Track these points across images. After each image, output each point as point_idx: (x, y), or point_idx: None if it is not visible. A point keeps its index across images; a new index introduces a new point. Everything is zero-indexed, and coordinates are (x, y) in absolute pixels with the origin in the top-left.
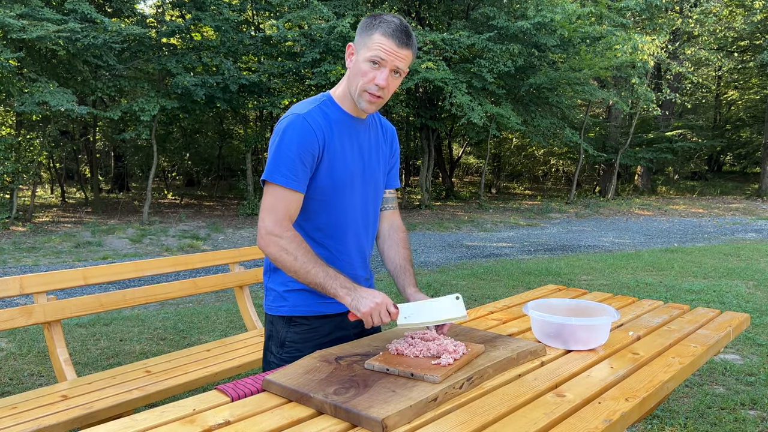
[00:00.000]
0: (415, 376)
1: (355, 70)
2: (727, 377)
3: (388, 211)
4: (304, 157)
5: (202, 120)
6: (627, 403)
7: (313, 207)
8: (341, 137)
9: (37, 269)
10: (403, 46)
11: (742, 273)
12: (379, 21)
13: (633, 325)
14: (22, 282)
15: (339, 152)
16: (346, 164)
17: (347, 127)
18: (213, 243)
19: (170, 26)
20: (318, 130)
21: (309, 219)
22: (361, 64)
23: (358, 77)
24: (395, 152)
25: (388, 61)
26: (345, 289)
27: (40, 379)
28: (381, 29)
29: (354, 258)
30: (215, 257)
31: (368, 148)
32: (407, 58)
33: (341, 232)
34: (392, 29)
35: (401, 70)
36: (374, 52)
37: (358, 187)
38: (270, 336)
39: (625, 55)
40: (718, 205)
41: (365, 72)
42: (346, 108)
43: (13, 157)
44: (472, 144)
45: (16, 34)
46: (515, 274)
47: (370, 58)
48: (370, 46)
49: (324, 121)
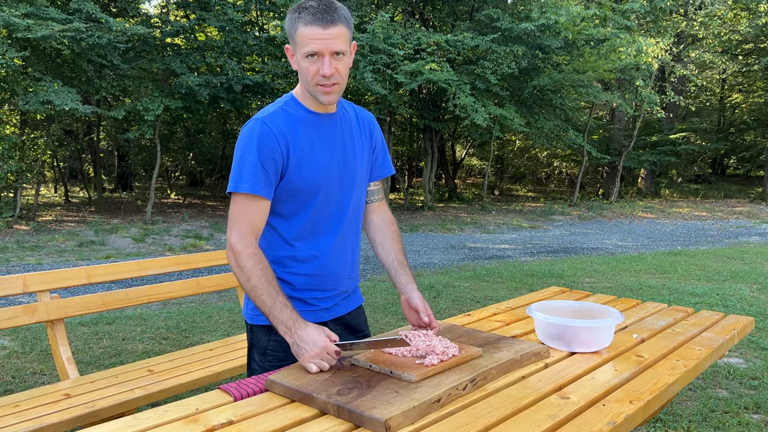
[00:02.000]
0: (393, 374)
1: (300, 70)
2: (731, 381)
3: (375, 203)
4: (265, 163)
5: (206, 120)
6: (631, 405)
7: (287, 210)
8: (308, 136)
9: (41, 268)
10: (328, 25)
11: (745, 276)
12: (297, 13)
13: (637, 328)
14: (26, 280)
15: (307, 152)
16: (317, 163)
17: (314, 125)
18: (216, 243)
19: (174, 26)
20: (279, 133)
21: (285, 223)
22: (301, 62)
23: (305, 76)
24: (377, 140)
25: (323, 49)
26: (285, 327)
27: (43, 377)
28: (301, 20)
29: (335, 258)
30: (218, 257)
31: (342, 142)
32: (341, 35)
33: (320, 233)
34: (312, 15)
35: (342, 50)
36: (306, 47)
37: (335, 184)
38: (252, 344)
39: (629, 58)
40: (721, 208)
41: (307, 68)
42: (310, 106)
43: (17, 155)
44: (475, 145)
45: (21, 33)
46: (518, 276)
47: (305, 53)
48: (299, 41)
49: (286, 122)
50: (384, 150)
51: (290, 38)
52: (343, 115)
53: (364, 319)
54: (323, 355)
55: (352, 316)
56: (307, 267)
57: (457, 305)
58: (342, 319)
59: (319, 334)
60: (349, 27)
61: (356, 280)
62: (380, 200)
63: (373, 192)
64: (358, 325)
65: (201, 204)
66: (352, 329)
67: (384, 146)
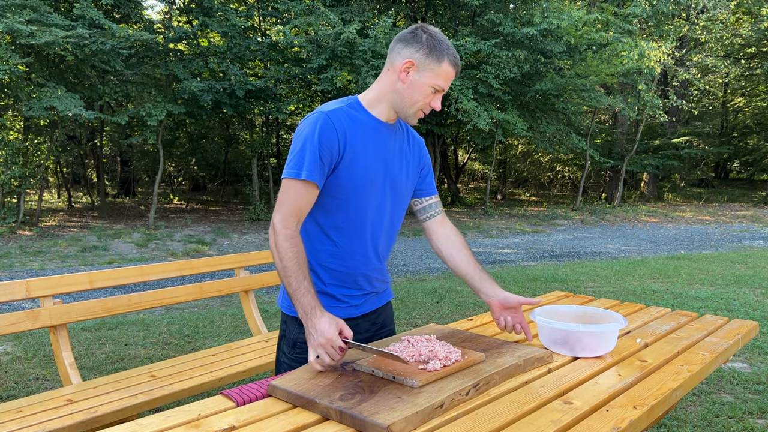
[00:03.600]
0: (396, 380)
1: (413, 90)
2: (735, 386)
3: (437, 216)
4: (322, 153)
5: (209, 125)
6: (635, 410)
7: (331, 205)
8: (365, 139)
9: (44, 273)
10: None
11: (749, 281)
12: (446, 48)
13: (640, 333)
14: (29, 286)
15: (361, 153)
16: (367, 166)
17: (372, 131)
18: (218, 248)
19: (177, 32)
20: (340, 128)
21: (327, 216)
22: (425, 87)
23: (416, 96)
24: (425, 160)
25: (446, 88)
26: (303, 311)
27: (46, 382)
28: (449, 59)
29: (370, 258)
30: (221, 262)
31: (392, 152)
32: None
33: (358, 232)
34: (456, 60)
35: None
36: (442, 81)
37: (378, 189)
38: (283, 335)
39: (631, 62)
40: (725, 212)
41: (427, 95)
42: (375, 113)
43: (21, 161)
44: (477, 150)
45: (25, 39)
46: (521, 281)
47: (436, 85)
48: (438, 73)
49: (348, 121)
50: (430, 171)
51: (425, 60)
52: (398, 129)
53: (390, 314)
54: (327, 347)
55: (378, 313)
56: (342, 264)
57: (459, 310)
58: (370, 315)
59: (330, 326)
60: None
61: (388, 282)
62: (441, 213)
63: (432, 206)
64: (384, 320)
65: (204, 209)
66: (379, 324)
67: (430, 168)
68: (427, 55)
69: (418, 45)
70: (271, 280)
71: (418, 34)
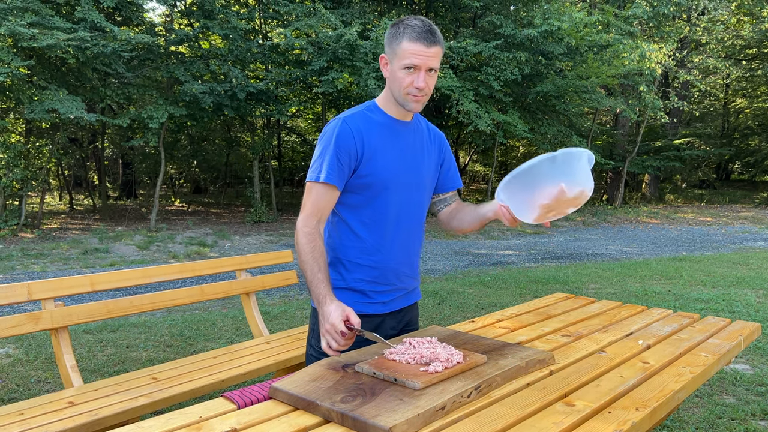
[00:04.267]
0: (397, 381)
1: (394, 79)
2: (738, 387)
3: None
4: (341, 155)
5: (210, 127)
6: (637, 412)
7: (357, 202)
8: (383, 138)
9: (45, 276)
10: (431, 44)
11: (751, 282)
12: (403, 28)
13: (642, 334)
14: (30, 288)
15: (380, 151)
16: (388, 163)
17: (390, 129)
18: (220, 250)
19: (179, 34)
20: (356, 130)
21: (354, 213)
22: (397, 73)
23: (397, 84)
24: (446, 154)
25: (422, 64)
26: (317, 301)
27: (47, 385)
28: (407, 36)
29: (397, 254)
30: (222, 264)
31: (412, 149)
32: (437, 54)
33: (383, 227)
34: (417, 33)
35: (435, 68)
36: (407, 59)
37: (401, 184)
38: (312, 329)
39: (632, 63)
40: (726, 213)
41: (402, 78)
42: (390, 112)
43: (23, 164)
44: (478, 151)
45: (26, 42)
46: (522, 282)
47: (404, 65)
48: (400, 54)
49: (365, 123)
50: (453, 164)
51: (389, 48)
52: (417, 126)
53: (416, 314)
54: (332, 332)
55: (405, 312)
56: (370, 259)
57: (461, 312)
58: (397, 314)
59: (335, 312)
60: (444, 48)
61: (417, 280)
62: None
63: (448, 199)
64: (410, 320)
65: (205, 211)
66: (404, 323)
67: (453, 160)
68: (389, 45)
69: (385, 40)
70: (273, 282)
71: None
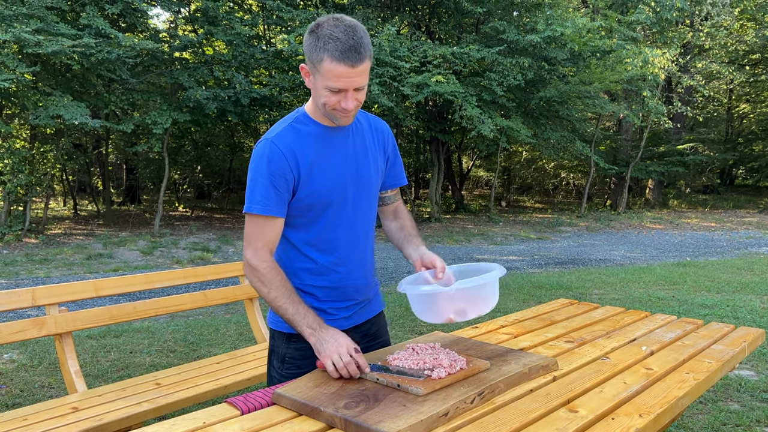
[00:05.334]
0: (401, 387)
1: (316, 92)
2: (742, 393)
3: (391, 204)
4: (276, 182)
5: (214, 133)
6: (641, 419)
7: (303, 223)
8: (318, 150)
9: (49, 281)
10: (357, 64)
11: (756, 287)
12: (323, 42)
13: (646, 340)
14: (34, 294)
15: (317, 166)
16: (328, 176)
17: (324, 139)
18: (223, 255)
19: (183, 41)
20: (288, 151)
21: (300, 235)
22: (321, 90)
23: (320, 99)
24: (391, 148)
25: (348, 86)
26: (310, 329)
27: (51, 390)
28: (328, 53)
29: (353, 269)
30: (225, 269)
31: (353, 155)
32: (364, 71)
33: (334, 246)
34: (340, 52)
35: (364, 85)
36: (330, 82)
37: (350, 196)
38: (272, 350)
39: (635, 69)
40: (730, 218)
41: (328, 97)
42: (322, 121)
43: (27, 169)
44: (481, 157)
45: (31, 48)
46: (526, 288)
47: (328, 86)
48: (323, 73)
49: (295, 139)
50: (398, 159)
51: (310, 62)
52: (356, 126)
53: (383, 324)
54: (342, 351)
55: (371, 323)
56: (325, 279)
57: None
58: (361, 327)
59: (342, 334)
60: (371, 56)
61: (375, 285)
62: (397, 201)
63: (390, 197)
64: (377, 331)
65: (209, 216)
66: (371, 336)
67: (397, 155)
68: (309, 56)
69: (305, 48)
70: None
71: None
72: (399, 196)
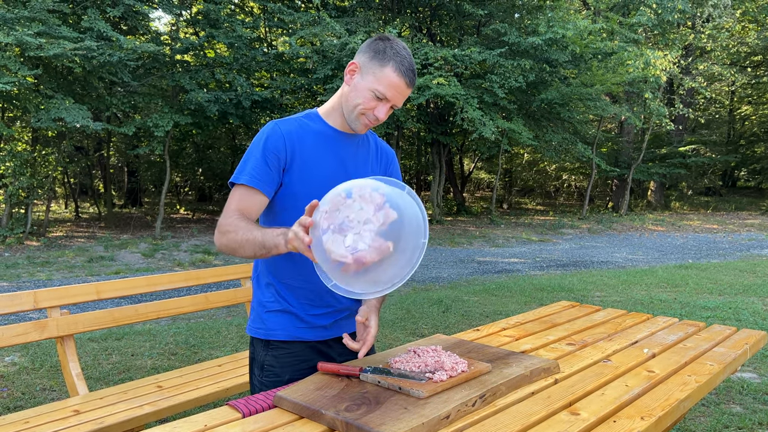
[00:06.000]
0: (402, 390)
1: (357, 91)
2: (745, 396)
3: None
4: (268, 158)
5: (215, 135)
6: (642, 422)
7: (287, 217)
8: (317, 147)
9: (51, 284)
10: (410, 85)
11: (758, 290)
12: (392, 52)
13: (648, 343)
14: (36, 296)
15: (313, 161)
16: (322, 174)
17: (328, 139)
18: (224, 258)
19: (184, 43)
20: (287, 134)
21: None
22: (365, 91)
23: (358, 99)
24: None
25: (394, 99)
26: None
27: (52, 393)
28: (394, 64)
29: None
30: (227, 272)
31: (353, 160)
32: (407, 94)
33: None
34: (405, 68)
35: (399, 107)
36: (383, 87)
37: None
38: (252, 358)
39: (637, 71)
40: (733, 220)
41: (367, 100)
42: (332, 123)
43: (29, 172)
44: (483, 159)
45: (33, 51)
46: (528, 290)
47: (376, 90)
48: (380, 78)
49: (298, 129)
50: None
51: (368, 62)
52: (363, 140)
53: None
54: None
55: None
56: (303, 280)
57: (466, 320)
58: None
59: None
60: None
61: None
62: None
63: None
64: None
65: (210, 219)
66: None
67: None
68: (371, 59)
69: (366, 49)
70: None
71: (371, 41)
72: None
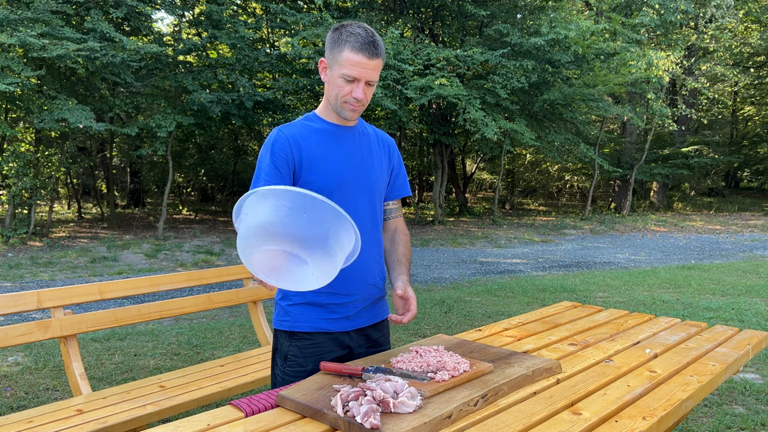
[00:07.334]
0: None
1: (332, 85)
2: (747, 397)
3: (392, 219)
4: (278, 163)
5: (218, 136)
6: (644, 422)
7: None
8: (324, 144)
9: (54, 284)
10: (372, 57)
11: (761, 291)
12: (345, 35)
13: (650, 343)
14: (39, 296)
15: (321, 157)
16: (331, 168)
17: (331, 135)
18: (227, 258)
19: (187, 44)
20: (291, 137)
21: None
22: (336, 80)
23: (334, 89)
24: (395, 161)
25: (362, 76)
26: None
27: (56, 393)
28: (349, 44)
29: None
30: (229, 272)
31: (359, 153)
32: (378, 67)
33: None
34: (360, 43)
35: (375, 80)
36: (348, 69)
37: (352, 186)
38: (275, 349)
39: (639, 71)
40: (735, 221)
41: (341, 86)
42: (330, 119)
43: (32, 173)
44: (485, 159)
45: (36, 52)
46: (530, 291)
47: (343, 75)
48: (341, 62)
49: (302, 130)
50: (402, 171)
51: (329, 53)
52: (363, 131)
53: (387, 333)
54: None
55: (375, 328)
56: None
57: (468, 320)
58: (365, 330)
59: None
60: (384, 58)
61: (381, 290)
62: (397, 217)
63: (392, 210)
64: (380, 338)
65: (212, 220)
66: (374, 342)
67: (402, 168)
68: (331, 50)
69: (327, 44)
70: None
71: (329, 34)
72: (401, 212)
